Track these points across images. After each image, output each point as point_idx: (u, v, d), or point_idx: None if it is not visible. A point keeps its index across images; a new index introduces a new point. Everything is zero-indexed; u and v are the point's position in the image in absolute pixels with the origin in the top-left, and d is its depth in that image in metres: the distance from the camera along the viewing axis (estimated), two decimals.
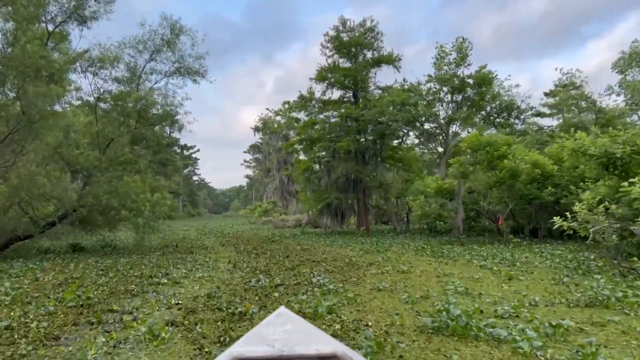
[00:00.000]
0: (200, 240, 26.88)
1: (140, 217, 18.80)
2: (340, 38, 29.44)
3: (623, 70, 49.16)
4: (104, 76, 20.35)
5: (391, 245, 19.68)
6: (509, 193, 19.13)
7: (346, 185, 29.86)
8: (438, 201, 20.71)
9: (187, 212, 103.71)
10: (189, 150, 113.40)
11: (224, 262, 15.39)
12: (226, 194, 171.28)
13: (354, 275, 11.65)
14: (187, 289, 10.56)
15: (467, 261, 13.85)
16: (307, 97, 30.46)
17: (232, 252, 19.12)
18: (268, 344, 2.26)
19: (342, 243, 21.33)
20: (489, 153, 19.39)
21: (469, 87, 24.96)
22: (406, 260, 14.53)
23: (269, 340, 2.30)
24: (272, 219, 44.35)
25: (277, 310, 2.77)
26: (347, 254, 16.89)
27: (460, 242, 19.27)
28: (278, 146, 64.80)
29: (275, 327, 2.47)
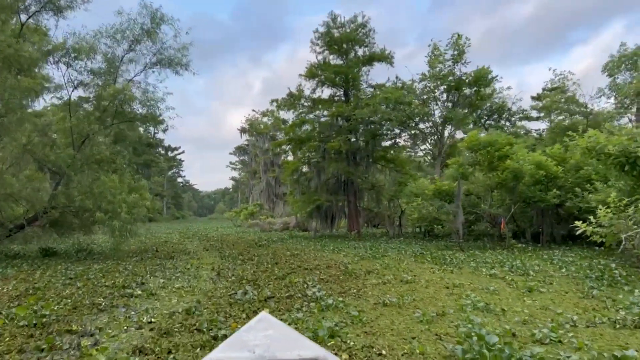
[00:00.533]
0: (183, 244, 25.43)
1: (117, 219, 17.34)
2: (331, 34, 28.23)
3: (612, 73, 48.81)
4: (79, 68, 18.87)
5: (387, 250, 18.46)
6: (512, 195, 18.02)
7: (336, 187, 28.63)
8: (436, 203, 19.57)
9: (171, 214, 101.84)
10: (173, 151, 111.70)
11: (207, 270, 14.04)
12: (211, 196, 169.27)
13: (353, 286, 10.38)
14: (164, 302, 9.21)
15: (473, 269, 12.66)
16: (296, 95, 29.16)
17: (216, 257, 17.76)
18: (249, 350, 2.28)
19: (333, 248, 20.07)
20: (490, 153, 18.28)
21: (465, 86, 23.85)
22: (407, 268, 13.31)
23: (250, 345, 2.31)
24: (258, 222, 42.94)
25: (258, 315, 2.74)
26: (341, 260, 15.63)
27: (460, 247, 18.12)
28: (265, 147, 63.36)
29: (256, 333, 2.47)
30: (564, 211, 18.09)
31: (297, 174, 28.89)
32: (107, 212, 17.59)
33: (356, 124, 26.42)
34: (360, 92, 28.98)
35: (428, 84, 25.41)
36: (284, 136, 30.10)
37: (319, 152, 28.12)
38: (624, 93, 46.43)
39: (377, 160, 28.49)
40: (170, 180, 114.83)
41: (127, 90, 18.03)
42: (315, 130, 28.83)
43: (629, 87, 44.89)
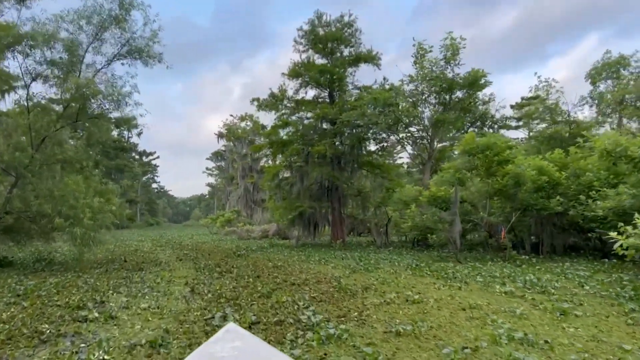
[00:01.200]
0: (155, 253, 23.52)
1: (78, 226, 15.46)
2: (316, 32, 26.76)
3: (595, 80, 48.63)
4: (39, 58, 16.95)
5: (378, 262, 16.94)
6: (512, 203, 16.71)
7: (320, 193, 27.08)
8: (430, 211, 18.14)
9: (144, 221, 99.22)
10: (148, 156, 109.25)
11: (180, 285, 12.30)
12: (187, 203, 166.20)
13: (352, 307, 8.82)
14: (124, 329, 7.52)
15: (482, 285, 11.21)
16: (278, 95, 27.56)
17: (191, 269, 16.00)
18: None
19: (319, 258, 18.47)
20: (488, 157, 16.99)
21: (458, 88, 22.57)
22: (407, 283, 11.80)
23: (217, 358, 2.27)
24: (236, 230, 41.04)
25: (225, 326, 2.70)
26: (331, 273, 14.05)
27: (457, 258, 16.73)
28: (243, 152, 61.53)
29: (223, 344, 2.42)
30: (567, 220, 16.85)
31: (279, 179, 27.24)
32: (68, 218, 15.70)
33: (342, 126, 24.95)
34: (346, 94, 27.55)
35: (418, 85, 24.01)
36: (264, 139, 28.30)
37: (302, 156, 26.53)
38: (606, 101, 46.16)
39: (362, 165, 27.04)
40: (145, 185, 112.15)
41: (90, 83, 16.16)
42: (298, 133, 27.25)
43: (613, 94, 44.63)
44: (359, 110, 22.74)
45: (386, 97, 22.29)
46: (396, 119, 23.32)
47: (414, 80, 24.17)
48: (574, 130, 39.19)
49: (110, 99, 17.28)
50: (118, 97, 17.23)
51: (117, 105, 17.75)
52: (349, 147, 27.03)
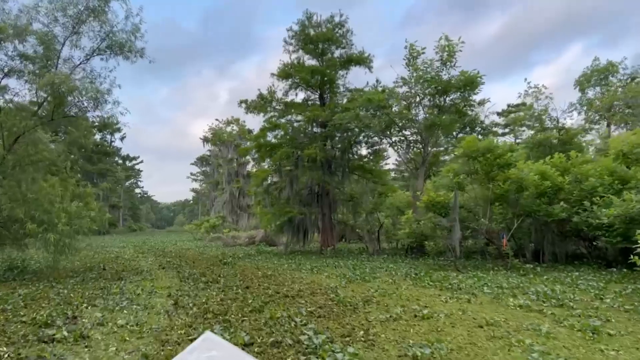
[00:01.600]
0: (136, 260, 22.36)
1: (53, 232, 14.31)
2: (307, 32, 25.89)
3: (583, 87, 48.59)
4: (11, 52, 15.81)
5: (374, 270, 16.03)
6: (514, 209, 15.93)
7: (310, 198, 26.13)
8: (428, 216, 17.26)
9: (127, 226, 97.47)
10: (131, 161, 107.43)
11: (162, 297, 11.26)
12: (170, 208, 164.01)
13: (356, 324, 7.88)
14: (96, 352, 6.50)
15: (493, 297, 10.35)
16: (267, 97, 26.60)
17: (174, 278, 14.94)
18: None
19: (311, 267, 17.50)
20: (489, 161, 16.22)
21: (453, 90, 21.79)
22: (409, 295, 10.89)
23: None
24: (221, 236, 39.85)
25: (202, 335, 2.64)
26: (326, 283, 13.11)
27: (456, 267, 15.90)
28: (229, 157, 60.37)
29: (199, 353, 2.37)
30: (570, 227, 16.11)
31: (267, 184, 26.21)
32: (41, 223, 14.54)
33: (334, 129, 24.07)
34: (337, 96, 26.71)
35: (412, 87, 23.21)
36: (252, 142, 27.25)
37: (291, 159, 25.56)
38: (595, 108, 46.06)
39: (354, 170, 26.16)
40: (128, 190, 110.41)
41: (66, 80, 15.03)
42: (287, 137, 26.30)
43: (602, 100, 44.51)
44: (352, 112, 21.85)
45: (380, 99, 21.46)
46: (390, 121, 22.48)
47: (407, 83, 23.36)
48: (563, 137, 38.86)
49: (88, 96, 16.15)
50: (96, 95, 16.11)
51: (95, 103, 16.63)
52: (340, 151, 26.18)
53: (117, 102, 17.04)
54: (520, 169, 15.48)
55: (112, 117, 17.43)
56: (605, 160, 16.74)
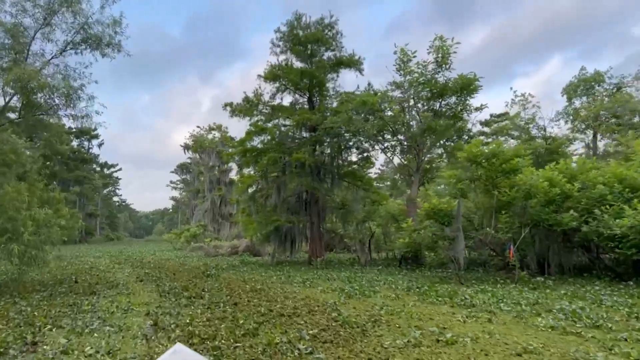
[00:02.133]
0: (112, 272, 20.83)
1: (18, 242, 12.84)
2: (296, 33, 24.76)
3: (570, 96, 48.50)
4: None
5: (371, 284, 14.84)
6: (521, 217, 14.89)
7: (298, 206, 24.88)
8: (428, 226, 16.13)
9: (104, 235, 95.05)
10: (110, 168, 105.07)
11: (139, 315, 9.91)
12: (149, 217, 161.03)
13: (371, 353, 6.67)
14: None
15: (514, 316, 9.23)
16: (253, 100, 25.34)
17: (153, 293, 13.56)
18: None
19: (302, 279, 16.23)
20: (494, 167, 15.22)
21: (450, 93, 20.82)
22: (420, 313, 9.71)
23: None
24: (203, 246, 38.25)
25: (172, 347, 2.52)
26: (323, 298, 11.88)
27: (459, 279, 14.81)
28: (211, 164, 58.79)
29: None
30: (579, 237, 15.14)
31: (253, 190, 24.85)
32: (5, 232, 13.07)
33: (324, 133, 22.92)
34: (327, 100, 25.59)
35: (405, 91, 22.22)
36: (237, 146, 25.85)
37: (278, 165, 24.30)
38: (581, 118, 45.84)
39: (344, 176, 25.00)
40: (105, 199, 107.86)
41: (35, 75, 13.62)
42: (274, 141, 25.06)
43: (589, 109, 44.27)
44: (345, 115, 20.72)
45: (375, 101, 20.41)
46: (383, 125, 21.44)
47: (399, 86, 22.34)
48: (550, 146, 38.35)
49: (59, 92, 14.75)
50: (69, 91, 14.71)
51: (67, 100, 15.22)
52: (330, 157, 25.03)
53: (92, 97, 15.63)
54: (528, 175, 14.46)
55: (86, 117, 15.95)
56: (613, 167, 15.87)
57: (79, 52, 16.89)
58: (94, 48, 16.88)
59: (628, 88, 45.41)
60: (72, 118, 16.49)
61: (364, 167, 26.00)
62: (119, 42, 17.23)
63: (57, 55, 16.42)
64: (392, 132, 22.01)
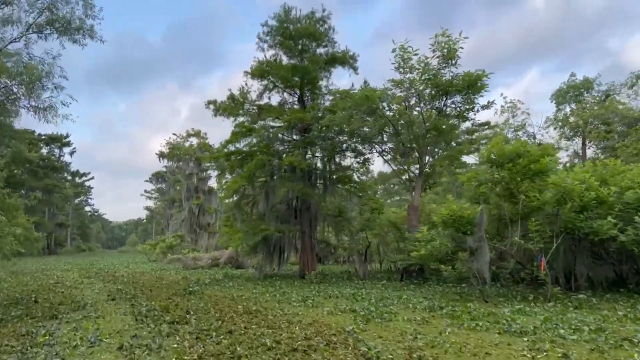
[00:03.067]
0: (81, 287, 18.46)
1: None
2: (285, 26, 22.79)
3: (559, 102, 47.88)
4: None
5: (383, 302, 12.85)
6: (552, 225, 13.09)
7: (287, 214, 22.78)
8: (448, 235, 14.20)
9: (75, 246, 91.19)
10: (81, 177, 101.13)
11: (110, 350, 7.73)
12: (122, 227, 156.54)
13: None
14: None
15: (592, 349, 7.33)
16: (238, 98, 23.23)
17: (127, 315, 11.33)
18: None
19: (300, 297, 14.14)
20: (518, 168, 13.46)
21: (455, 91, 19.08)
22: (466, 343, 7.74)
23: None
24: (181, 257, 35.73)
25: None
26: (334, 323, 9.83)
27: (483, 296, 12.94)
28: (188, 171, 56.20)
29: None
30: (615, 247, 13.42)
31: (238, 197, 22.58)
32: None
33: (318, 134, 20.98)
34: (320, 99, 23.65)
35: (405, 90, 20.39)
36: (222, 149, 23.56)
37: (267, 169, 22.20)
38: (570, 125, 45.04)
39: (338, 181, 23.03)
40: (77, 208, 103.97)
41: None
42: (261, 143, 22.98)
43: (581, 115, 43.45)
44: (344, 113, 18.79)
45: (378, 96, 18.56)
46: (384, 124, 19.60)
47: (399, 84, 20.47)
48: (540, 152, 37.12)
49: (19, 80, 12.48)
50: (30, 78, 12.45)
51: (29, 90, 12.95)
52: (322, 160, 23.07)
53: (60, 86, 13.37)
54: (561, 177, 12.68)
55: (50, 109, 13.66)
56: None
57: (42, 37, 14.65)
58: (61, 33, 14.67)
59: (617, 95, 44.87)
60: (34, 110, 14.11)
61: (358, 171, 24.03)
62: (91, 27, 15.07)
63: (18, 39, 14.15)
64: (395, 132, 20.07)
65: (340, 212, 21.71)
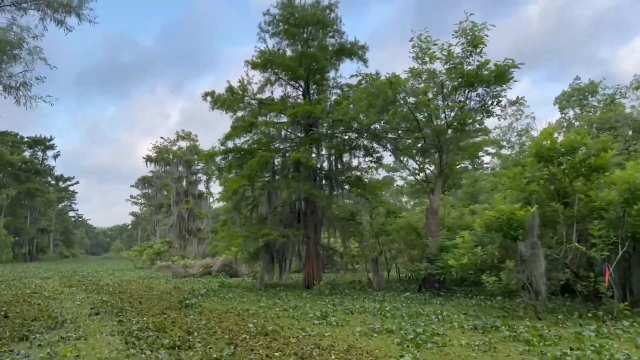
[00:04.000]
0: (60, 298, 16.27)
1: None
2: (291, 12, 20.83)
3: (562, 106, 46.71)
4: None
5: (418, 319, 10.90)
6: (618, 229, 11.20)
7: (291, 218, 20.73)
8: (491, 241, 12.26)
9: (58, 252, 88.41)
10: (65, 181, 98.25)
11: None
12: (107, 233, 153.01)
13: None
14: None
15: None
16: (238, 91, 21.19)
17: (115, 336, 9.24)
18: None
19: (316, 313, 12.09)
20: (573, 163, 11.61)
21: (482, 82, 17.24)
22: None
23: None
24: (170, 265, 33.41)
25: None
26: (376, 348, 7.86)
27: (535, 312, 11.03)
28: (177, 174, 53.79)
29: None
30: None
31: (237, 198, 20.40)
32: None
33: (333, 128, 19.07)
34: (326, 92, 21.68)
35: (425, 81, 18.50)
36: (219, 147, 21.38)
37: (268, 168, 20.20)
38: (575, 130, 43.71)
39: (347, 182, 21.01)
40: (61, 213, 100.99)
41: None
42: (263, 140, 21.00)
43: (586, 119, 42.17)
44: (362, 104, 16.83)
45: (402, 83, 16.71)
46: (405, 115, 17.73)
47: (417, 75, 18.56)
48: None
49: None
50: None
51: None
52: (328, 159, 21.15)
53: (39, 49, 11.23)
54: (630, 173, 10.80)
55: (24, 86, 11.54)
56: None
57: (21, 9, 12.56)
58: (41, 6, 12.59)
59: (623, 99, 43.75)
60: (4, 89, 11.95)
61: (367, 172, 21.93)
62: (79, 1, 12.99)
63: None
64: (416, 126, 18.12)
65: (352, 215, 19.73)
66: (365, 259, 20.02)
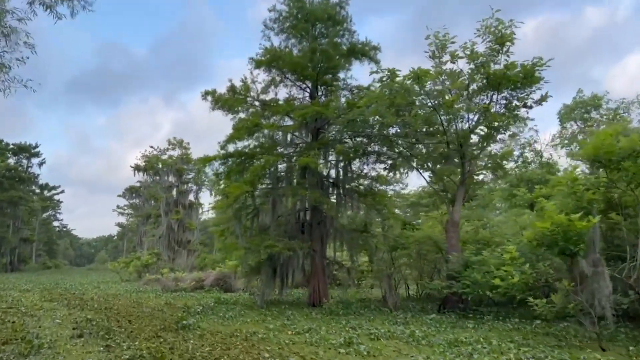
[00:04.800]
0: (38, 316, 14.33)
1: None
2: (300, 6, 19.34)
3: (564, 120, 45.84)
4: None
5: (462, 347, 9.27)
6: None
7: (295, 229, 19.02)
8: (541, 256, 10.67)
9: (41, 263, 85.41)
10: (50, 190, 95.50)
11: None
12: (92, 244, 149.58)
13: None
14: None
15: None
16: (240, 91, 19.56)
17: None
18: None
19: (339, 339, 10.39)
20: (636, 167, 10.14)
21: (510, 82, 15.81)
22: None
23: None
24: (160, 278, 31.37)
25: None
26: None
27: (599, 340, 9.45)
28: (168, 184, 51.76)
29: None
30: None
31: (237, 207, 18.61)
32: None
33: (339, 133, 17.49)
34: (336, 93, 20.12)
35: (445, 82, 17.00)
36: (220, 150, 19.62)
37: (272, 174, 18.55)
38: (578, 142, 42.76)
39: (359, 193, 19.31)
40: (45, 223, 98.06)
41: None
42: (266, 144, 19.39)
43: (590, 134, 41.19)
44: (383, 102, 15.28)
45: (431, 78, 15.27)
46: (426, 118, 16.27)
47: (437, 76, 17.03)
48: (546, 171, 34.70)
49: None
50: None
51: None
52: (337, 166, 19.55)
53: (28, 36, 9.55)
54: None
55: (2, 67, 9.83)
56: None
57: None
58: None
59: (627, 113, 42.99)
60: None
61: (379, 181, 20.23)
62: None
63: None
64: (441, 129, 16.59)
65: (365, 227, 18.09)
66: (378, 275, 18.28)
